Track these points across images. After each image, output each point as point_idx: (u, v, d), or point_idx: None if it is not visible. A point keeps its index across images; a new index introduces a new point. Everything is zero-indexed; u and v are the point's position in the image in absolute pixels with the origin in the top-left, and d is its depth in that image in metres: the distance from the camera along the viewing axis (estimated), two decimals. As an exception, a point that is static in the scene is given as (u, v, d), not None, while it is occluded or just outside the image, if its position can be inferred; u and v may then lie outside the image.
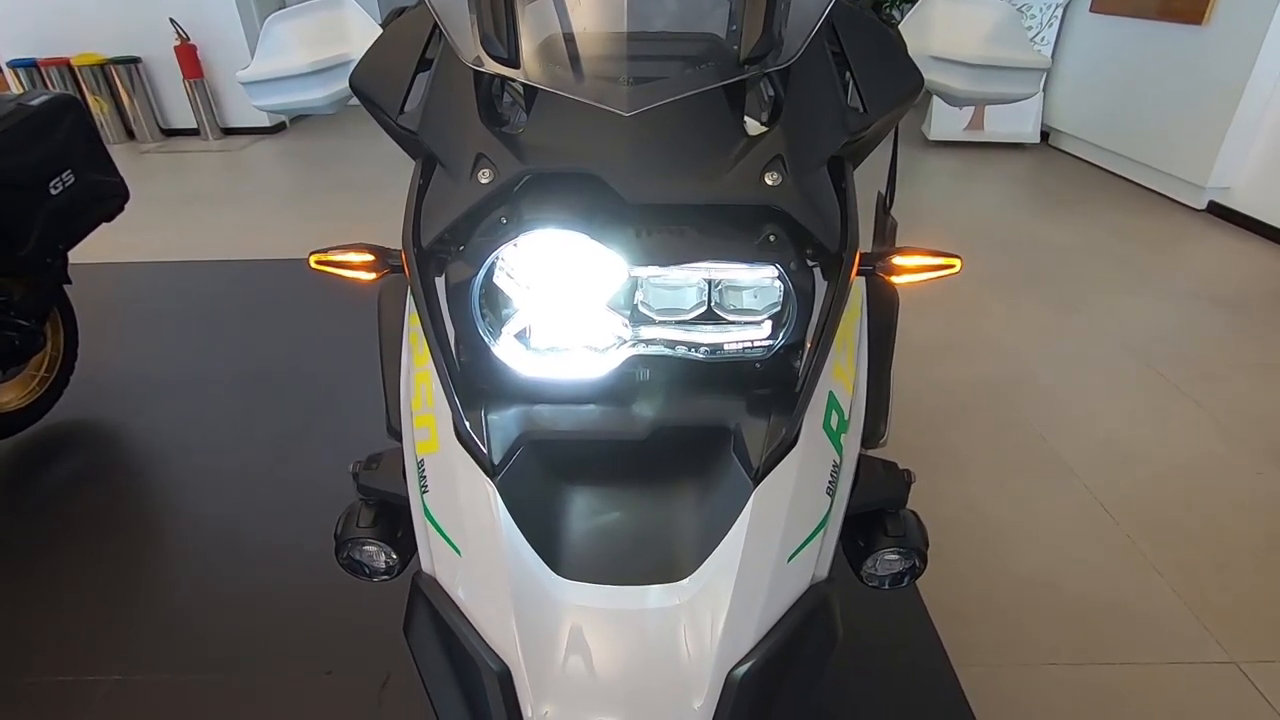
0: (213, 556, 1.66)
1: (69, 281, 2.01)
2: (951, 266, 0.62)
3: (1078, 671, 1.38)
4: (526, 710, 0.48)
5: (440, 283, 0.55)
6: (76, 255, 1.94)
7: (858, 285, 0.70)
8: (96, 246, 2.05)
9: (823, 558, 0.56)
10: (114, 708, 1.32)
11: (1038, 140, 4.94)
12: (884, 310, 0.73)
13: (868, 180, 1.24)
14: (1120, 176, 4.29)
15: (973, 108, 4.91)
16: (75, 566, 1.63)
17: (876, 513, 0.69)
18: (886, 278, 0.62)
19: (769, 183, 0.52)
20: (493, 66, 0.51)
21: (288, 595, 1.54)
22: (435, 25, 0.59)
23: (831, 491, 0.57)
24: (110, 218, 1.98)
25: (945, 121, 4.98)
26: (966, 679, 1.35)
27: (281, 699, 1.33)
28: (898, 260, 0.61)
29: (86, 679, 1.37)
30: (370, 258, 0.62)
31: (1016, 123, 4.92)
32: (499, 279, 0.53)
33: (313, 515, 1.75)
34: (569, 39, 0.55)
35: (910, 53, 0.73)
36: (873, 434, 0.69)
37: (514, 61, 0.50)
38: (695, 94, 0.51)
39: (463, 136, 0.54)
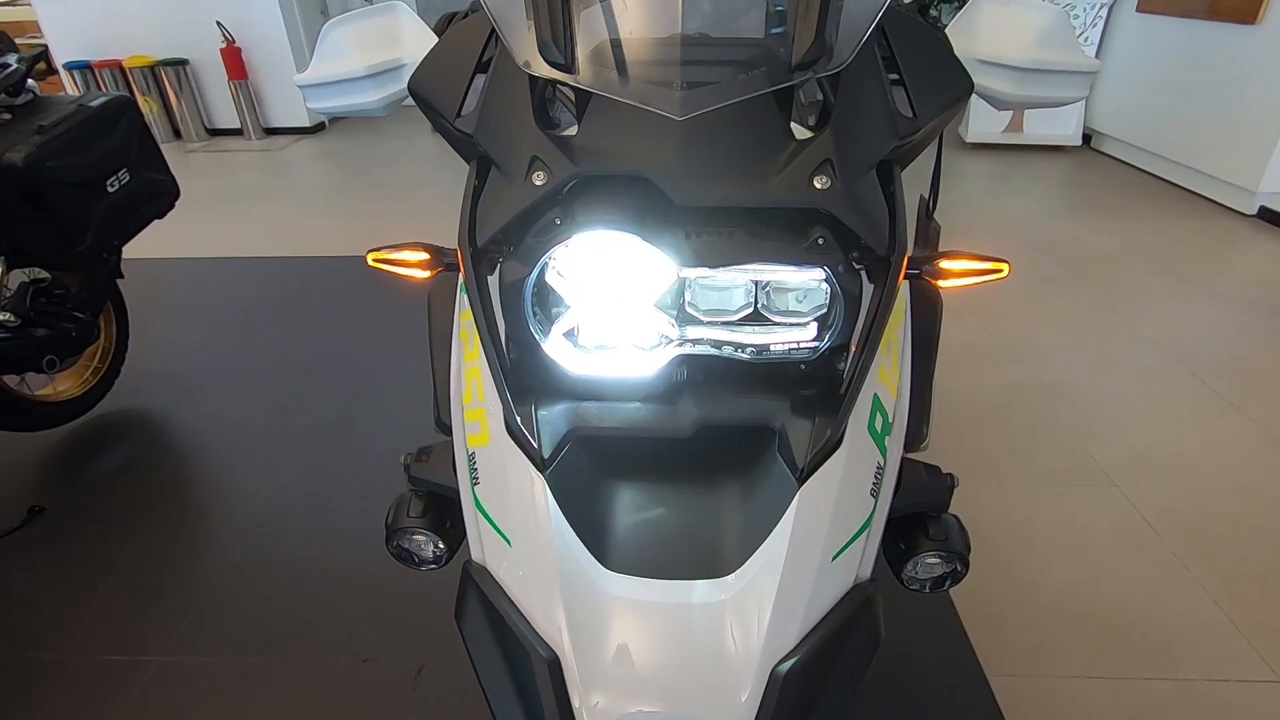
0: (254, 543, 1.71)
1: (122, 276, 2.08)
2: (999, 271, 0.62)
3: (1115, 685, 1.35)
4: (575, 698, 0.49)
5: (493, 281, 0.57)
6: (127, 250, 2.01)
7: (903, 289, 0.70)
8: (145, 242, 2.12)
9: (866, 558, 0.56)
10: (159, 687, 1.37)
11: (1079, 143, 4.83)
12: (928, 314, 0.73)
13: (910, 183, 1.25)
14: (1166, 180, 4.18)
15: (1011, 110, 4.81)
16: (125, 549, 1.69)
17: (918, 515, 0.69)
18: (932, 281, 0.62)
19: (818, 186, 0.52)
20: (548, 71, 0.53)
21: (327, 584, 1.58)
22: (492, 31, 0.61)
23: (875, 493, 0.57)
24: (162, 214, 2.04)
25: (983, 123, 4.90)
26: (1000, 688, 1.33)
27: (319, 684, 1.37)
28: (945, 264, 0.61)
29: (135, 659, 1.42)
30: (425, 256, 0.64)
31: (1057, 125, 4.82)
32: (550, 278, 0.55)
33: (351, 506, 1.79)
34: (622, 44, 0.56)
35: (957, 55, 0.73)
36: (915, 437, 0.69)
37: (569, 66, 0.51)
38: (749, 98, 0.52)
39: (518, 139, 0.55)
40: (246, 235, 3.63)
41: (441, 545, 0.69)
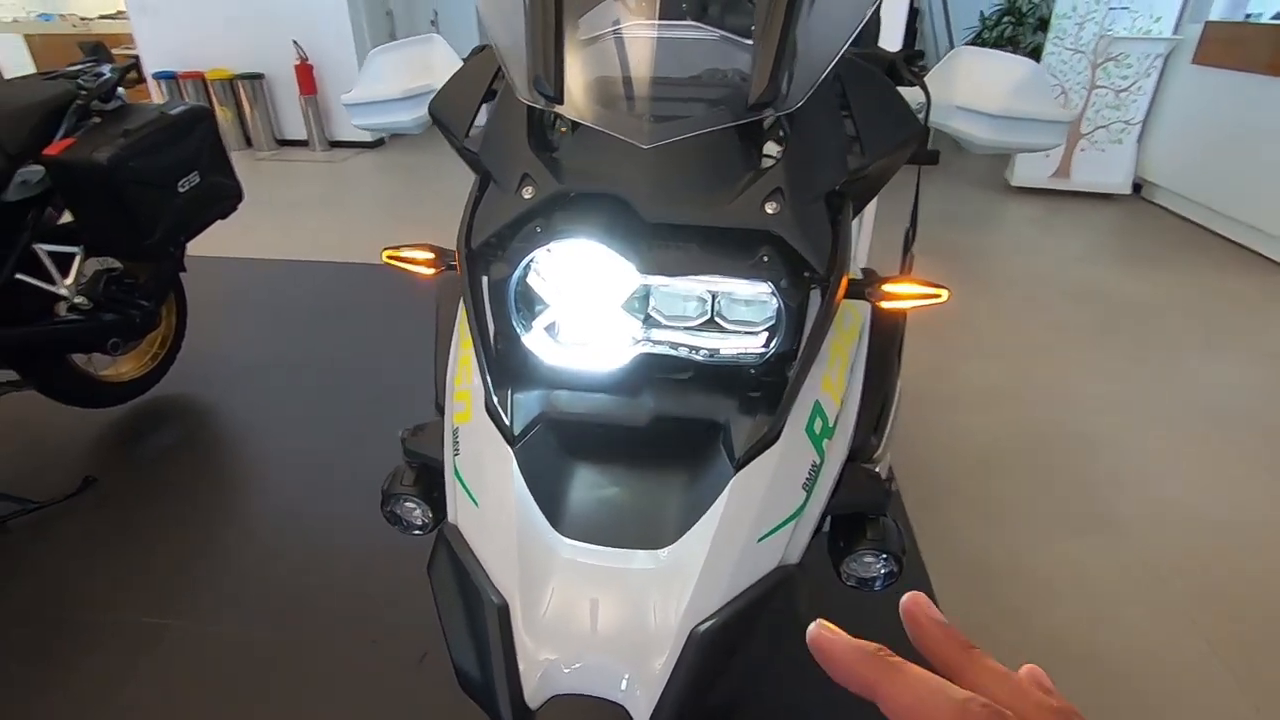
0: (283, 525, 1.82)
1: (184, 270, 2.25)
2: (938, 296, 0.67)
3: (1107, 732, 1.34)
4: (518, 642, 0.55)
5: (485, 280, 0.65)
6: (191, 247, 2.17)
7: (860, 310, 0.76)
8: (209, 241, 2.28)
9: (794, 545, 0.61)
10: (180, 650, 1.47)
11: (1129, 191, 4.75)
12: (885, 336, 0.78)
13: (896, 219, 1.29)
14: (1215, 233, 4.09)
15: (1058, 153, 4.78)
16: (165, 521, 1.82)
17: (859, 517, 0.73)
18: (875, 302, 0.68)
19: (768, 211, 0.59)
20: (541, 102, 0.61)
21: (346, 569, 1.67)
22: (498, 65, 0.70)
23: (808, 488, 0.62)
24: (225, 215, 2.20)
25: (1030, 168, 4.87)
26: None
27: (328, 661, 1.45)
28: (888, 287, 0.67)
29: (161, 622, 1.53)
30: (431, 256, 0.73)
31: (1106, 172, 4.76)
32: (532, 280, 0.62)
33: (374, 498, 1.89)
34: (606, 81, 0.65)
35: (935, 102, 0.79)
36: (864, 447, 0.74)
37: (558, 98, 0.59)
38: (710, 131, 0.60)
39: (512, 158, 0.64)
40: (303, 240, 3.83)
41: (430, 513, 0.77)
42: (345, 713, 1.35)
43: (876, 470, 0.73)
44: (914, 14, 6.40)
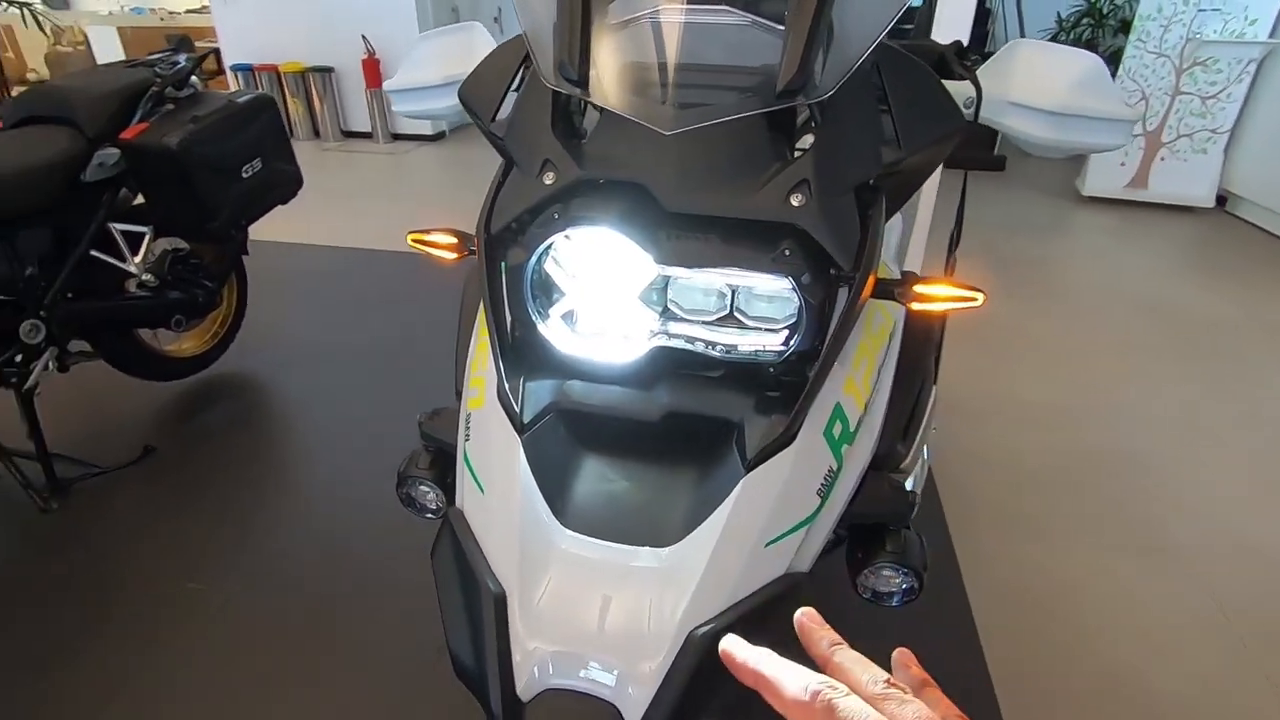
0: (323, 503, 1.87)
1: (247, 253, 2.34)
2: (973, 300, 0.63)
3: (1154, 774, 1.26)
4: (514, 631, 0.55)
5: (504, 266, 0.64)
6: (254, 231, 2.26)
7: (893, 311, 0.72)
8: (272, 226, 2.37)
9: (804, 552, 0.59)
10: (217, 618, 1.53)
11: (1212, 204, 4.48)
12: (919, 341, 0.75)
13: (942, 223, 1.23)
14: (1308, 251, 3.82)
15: (1134, 161, 4.54)
16: (217, 492, 1.90)
17: (880, 528, 0.70)
18: (908, 304, 0.65)
19: (793, 203, 0.56)
20: (565, 86, 0.60)
21: (380, 548, 1.71)
22: (527, 53, 0.69)
23: (823, 494, 0.60)
24: (285, 201, 2.28)
25: (1103, 177, 4.64)
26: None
27: (356, 639, 1.48)
28: (920, 288, 0.63)
29: (202, 588, 1.59)
30: (454, 240, 0.73)
31: (1188, 183, 4.49)
32: (550, 267, 0.62)
33: (410, 482, 1.93)
34: (632, 67, 0.63)
35: (987, 96, 0.75)
36: (890, 455, 0.70)
37: (582, 83, 0.58)
38: (739, 119, 0.57)
39: (535, 144, 0.63)
40: (362, 228, 3.94)
41: (444, 498, 0.77)
42: (368, 693, 1.37)
43: (902, 480, 0.70)
44: (985, 15, 6.18)
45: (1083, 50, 0.75)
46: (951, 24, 2.56)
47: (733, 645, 0.33)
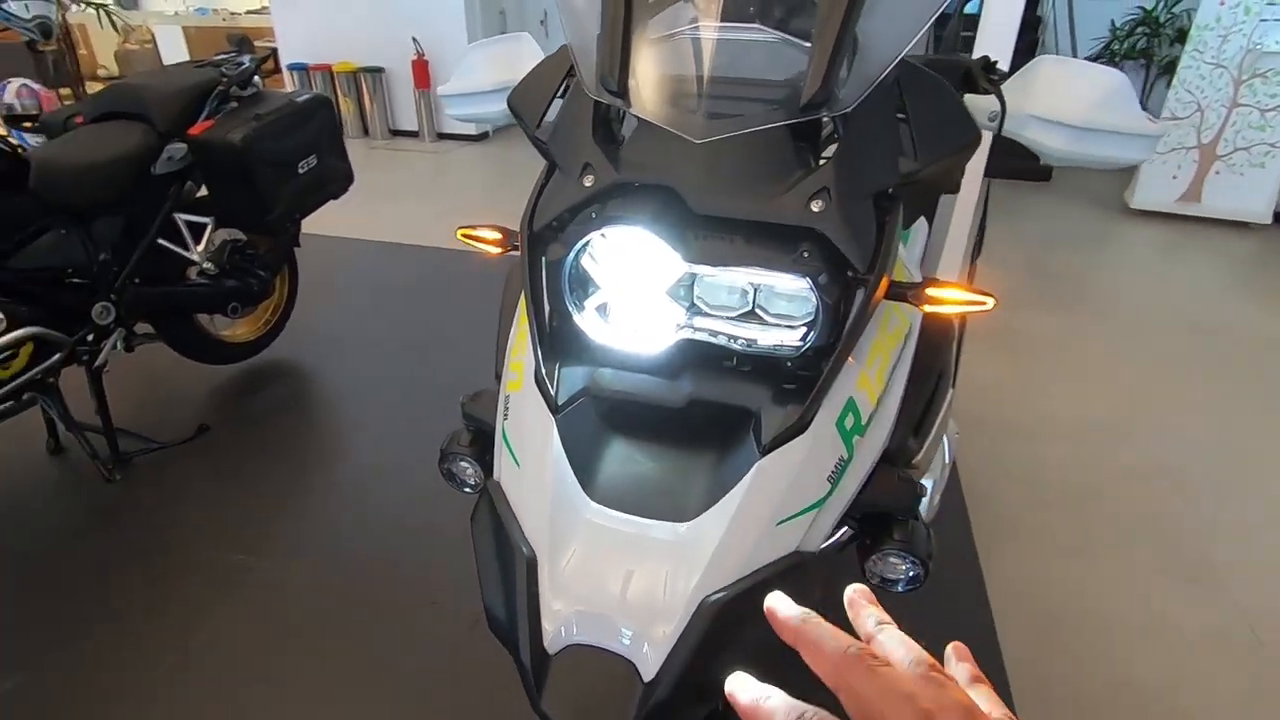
0: (364, 484, 1.96)
1: (299, 245, 2.45)
2: (983, 304, 0.66)
3: (1173, 791, 1.25)
4: (542, 593, 0.60)
5: (544, 261, 0.70)
6: (306, 226, 2.36)
7: (909, 314, 0.76)
8: (322, 221, 2.47)
9: (813, 533, 0.63)
10: (260, 589, 1.61)
11: (1269, 221, 4.33)
12: (934, 343, 0.78)
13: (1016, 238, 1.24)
14: (1371, 272, 3.68)
15: (1186, 174, 4.43)
16: (265, 470, 2.00)
17: (888, 518, 0.73)
18: (920, 306, 0.68)
19: (814, 209, 0.60)
20: (606, 97, 0.65)
21: (416, 532, 1.78)
22: (571, 65, 0.74)
23: (834, 480, 0.64)
24: (337, 196, 2.38)
25: (1153, 190, 4.52)
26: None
27: (390, 612, 1.56)
28: (933, 291, 0.67)
29: (251, 561, 1.68)
30: (500, 236, 0.79)
31: (1243, 198, 4.35)
32: (587, 263, 0.67)
33: (446, 469, 2.00)
34: (668, 79, 0.68)
35: (1011, 110, 0.78)
36: (902, 450, 0.74)
37: (622, 94, 0.63)
38: (764, 129, 0.62)
39: (576, 148, 0.68)
40: (408, 224, 4.06)
41: (482, 474, 0.83)
42: (405, 666, 1.44)
43: (913, 474, 0.73)
44: (1036, 22, 6.07)
45: (1107, 67, 0.77)
46: (997, 33, 2.55)
47: (777, 602, 0.34)
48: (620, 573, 0.59)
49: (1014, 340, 2.86)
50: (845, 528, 0.78)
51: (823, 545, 0.64)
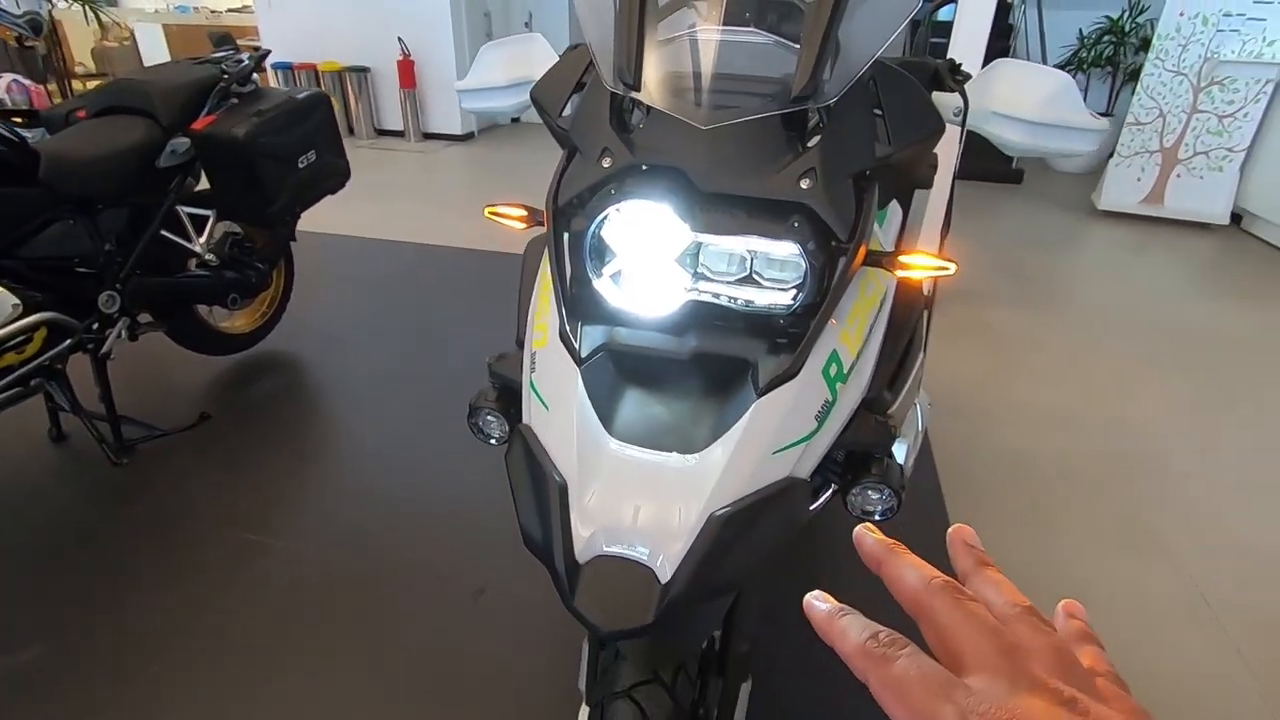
0: (364, 467, 2.02)
1: (295, 239, 2.50)
2: (946, 269, 0.76)
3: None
4: (573, 515, 0.69)
5: (566, 234, 0.79)
6: (299, 224, 2.41)
7: (884, 280, 0.86)
8: (313, 219, 2.53)
9: (803, 462, 0.73)
10: (274, 565, 1.68)
11: (1226, 222, 4.54)
12: (905, 306, 0.88)
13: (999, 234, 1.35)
14: (1320, 270, 3.88)
15: (1150, 177, 4.62)
16: (267, 456, 2.05)
17: (867, 457, 0.84)
18: (892, 270, 0.78)
19: (803, 186, 0.71)
20: (622, 89, 0.74)
21: (418, 512, 1.85)
22: (590, 60, 0.84)
23: (820, 419, 0.74)
24: (334, 191, 2.44)
25: (1119, 192, 4.71)
26: None
27: (395, 585, 1.63)
28: (902, 258, 0.77)
29: (263, 540, 1.74)
30: (525, 213, 0.89)
31: (1203, 200, 4.55)
32: (605, 234, 0.76)
33: (447, 450, 2.07)
34: (676, 75, 0.78)
35: (973, 107, 0.88)
36: (878, 399, 0.84)
37: (636, 86, 0.73)
38: (760, 118, 0.72)
39: (596, 134, 0.77)
40: (395, 222, 4.12)
41: (507, 427, 0.92)
42: (411, 637, 1.51)
43: (887, 420, 0.83)
44: (1009, 31, 6.27)
45: (1055, 69, 0.88)
46: (968, 39, 2.69)
47: (864, 533, 0.32)
48: (640, 496, 0.68)
49: (987, 334, 3.00)
50: (833, 485, 0.89)
51: (811, 473, 0.74)
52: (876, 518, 0.84)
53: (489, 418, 0.92)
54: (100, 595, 1.58)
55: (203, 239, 2.15)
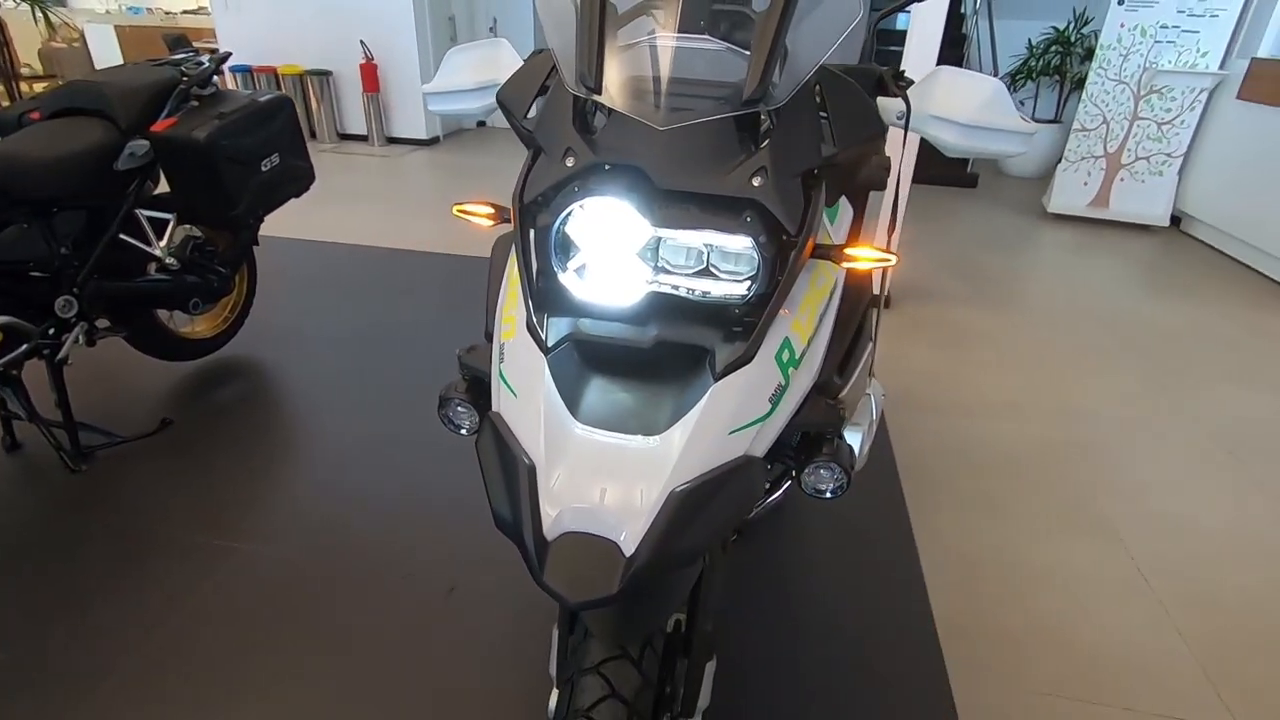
0: (330, 471, 2.01)
1: (258, 243, 2.48)
2: (888, 260, 0.82)
3: (1075, 706, 1.44)
4: (541, 496, 0.72)
5: (532, 231, 0.82)
6: (261, 229, 2.40)
7: (833, 273, 0.91)
8: (276, 224, 2.51)
9: (758, 442, 0.77)
10: (239, 570, 1.67)
11: (1167, 224, 4.76)
12: (853, 297, 0.94)
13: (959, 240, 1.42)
14: (1252, 269, 4.09)
15: (1096, 181, 4.82)
16: (231, 461, 2.03)
17: (819, 438, 0.89)
18: (838, 262, 0.84)
19: (755, 184, 0.75)
20: (584, 92, 0.78)
21: (386, 512, 1.86)
22: (553, 64, 0.87)
23: (773, 401, 0.78)
24: (299, 195, 2.42)
25: (1067, 196, 4.91)
26: (961, 693, 1.45)
27: (364, 586, 1.63)
28: (848, 250, 0.82)
29: (228, 544, 1.73)
30: (492, 210, 0.92)
31: (1145, 203, 4.77)
32: (570, 229, 0.79)
33: (415, 450, 2.08)
34: (635, 79, 0.82)
35: (914, 111, 0.94)
36: (829, 384, 0.89)
37: (597, 90, 0.77)
38: (714, 119, 0.76)
39: (559, 135, 0.81)
40: (359, 226, 4.09)
41: (477, 418, 0.94)
42: (381, 636, 1.52)
43: (836, 405, 0.89)
44: (962, 40, 6.48)
45: (989, 76, 0.94)
46: (921, 47, 2.79)
47: None
48: (604, 477, 0.72)
49: (943, 330, 3.11)
50: (787, 478, 0.93)
51: (766, 452, 0.79)
52: (828, 495, 0.89)
53: (459, 409, 0.95)
54: (57, 606, 1.55)
55: (163, 243, 2.12)
